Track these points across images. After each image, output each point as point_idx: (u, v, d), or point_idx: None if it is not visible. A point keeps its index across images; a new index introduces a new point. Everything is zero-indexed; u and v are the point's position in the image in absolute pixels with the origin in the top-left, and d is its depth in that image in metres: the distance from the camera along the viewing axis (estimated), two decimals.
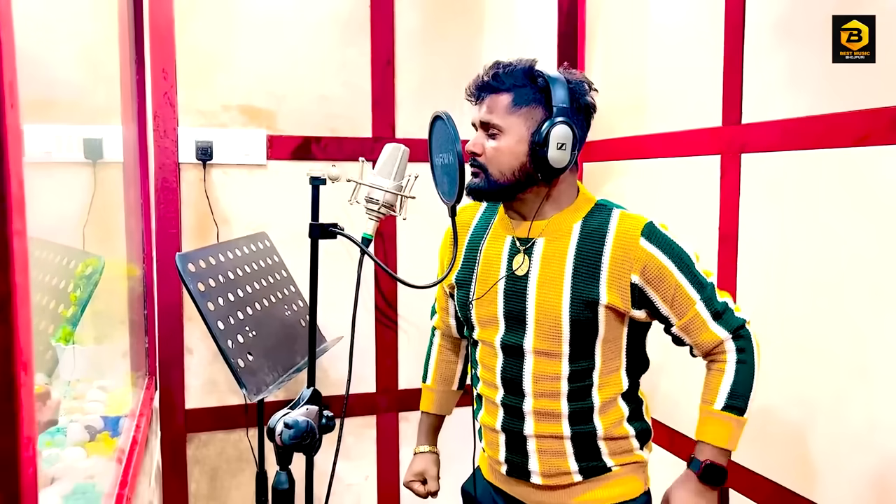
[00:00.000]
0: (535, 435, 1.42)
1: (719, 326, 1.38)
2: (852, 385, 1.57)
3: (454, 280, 1.54)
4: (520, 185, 1.38)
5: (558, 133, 1.31)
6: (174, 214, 2.23)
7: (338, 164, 2.35)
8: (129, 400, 1.62)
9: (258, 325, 1.90)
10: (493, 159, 1.37)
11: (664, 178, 2.20)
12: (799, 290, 1.71)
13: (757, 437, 1.85)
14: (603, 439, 1.42)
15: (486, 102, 1.37)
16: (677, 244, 1.37)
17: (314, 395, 1.45)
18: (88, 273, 1.70)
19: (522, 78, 1.35)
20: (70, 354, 1.70)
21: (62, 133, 1.94)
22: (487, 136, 1.38)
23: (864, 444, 1.55)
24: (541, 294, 1.38)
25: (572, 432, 1.41)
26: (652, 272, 1.34)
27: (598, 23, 2.57)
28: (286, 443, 1.35)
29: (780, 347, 1.76)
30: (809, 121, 1.66)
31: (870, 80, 1.52)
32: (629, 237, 1.34)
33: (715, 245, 1.95)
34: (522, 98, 1.34)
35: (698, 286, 1.37)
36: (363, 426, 2.52)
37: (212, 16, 2.25)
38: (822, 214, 1.65)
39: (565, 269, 1.37)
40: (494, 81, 1.36)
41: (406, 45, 2.47)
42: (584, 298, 1.35)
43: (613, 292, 1.34)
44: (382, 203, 1.40)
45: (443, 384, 1.71)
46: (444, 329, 1.70)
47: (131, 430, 1.44)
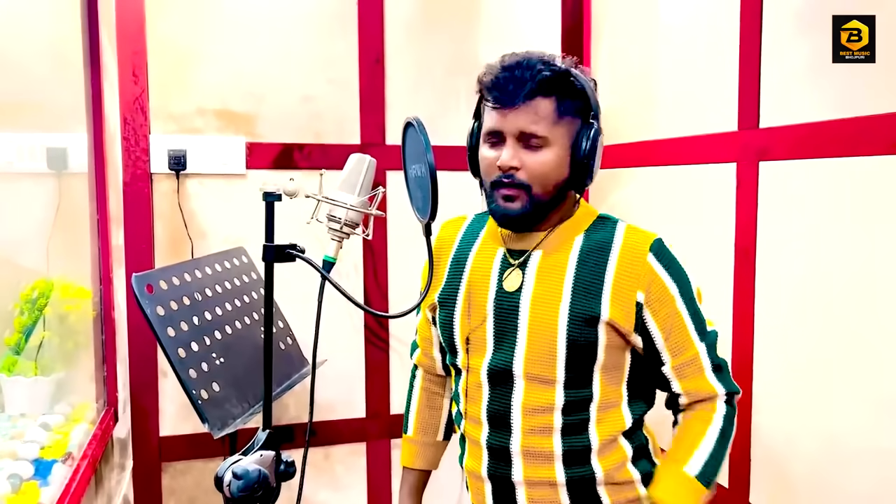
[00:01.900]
0: (525, 481, 1.25)
1: (717, 381, 1.27)
2: (888, 420, 1.39)
3: (436, 299, 1.38)
4: (554, 202, 1.25)
5: (600, 143, 1.22)
6: (146, 228, 2.08)
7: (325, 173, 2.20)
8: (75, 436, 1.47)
9: (227, 350, 1.74)
10: (540, 175, 1.20)
11: (675, 187, 2.03)
12: (824, 312, 1.54)
13: (779, 472, 1.67)
14: (603, 484, 1.25)
15: (529, 109, 1.18)
16: (685, 271, 1.26)
17: (270, 439, 1.28)
18: (34, 297, 1.55)
19: (562, 80, 1.20)
20: (14, 386, 1.56)
21: (24, 142, 1.81)
22: (526, 149, 1.20)
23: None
24: (535, 311, 1.23)
25: (567, 477, 1.23)
26: (655, 294, 1.22)
27: (604, 17, 2.41)
28: (235, 495, 1.21)
29: (803, 374, 1.59)
30: (837, 124, 1.50)
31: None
32: (637, 251, 1.23)
33: (731, 262, 1.78)
34: (566, 105, 1.20)
35: (700, 328, 1.26)
36: (352, 454, 2.36)
37: (183, 8, 2.10)
38: (850, 229, 1.48)
39: (564, 284, 1.23)
40: (536, 85, 1.17)
41: (397, 40, 2.30)
42: (583, 315, 1.21)
43: (617, 309, 1.21)
44: (345, 221, 1.23)
45: (426, 434, 1.51)
46: (427, 365, 1.51)
47: (65, 479, 1.28)
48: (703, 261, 1.82)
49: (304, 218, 1.26)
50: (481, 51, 2.37)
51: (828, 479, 1.54)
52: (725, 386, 1.26)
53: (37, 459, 1.32)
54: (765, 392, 1.70)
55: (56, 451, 1.37)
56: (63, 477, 1.29)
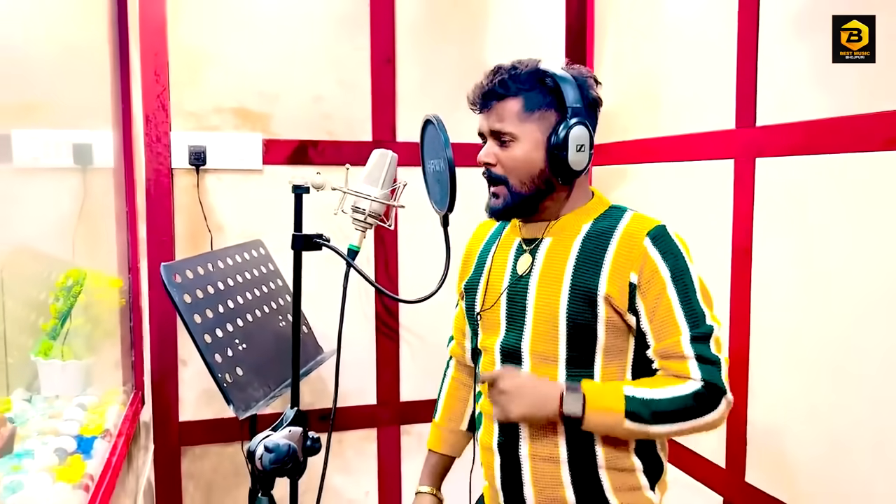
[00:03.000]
0: (531, 456, 1.31)
1: (698, 369, 1.22)
2: (887, 416, 1.46)
3: (463, 287, 1.48)
4: (541, 194, 1.32)
5: (577, 135, 1.26)
6: (167, 222, 2.16)
7: (337, 168, 2.28)
8: (109, 417, 1.55)
9: (249, 337, 1.82)
10: (512, 169, 1.30)
11: (676, 183, 2.11)
12: (821, 307, 1.61)
13: (776, 462, 1.75)
14: (605, 469, 1.29)
15: (494, 110, 1.30)
16: (685, 260, 1.28)
17: (298, 416, 1.37)
18: (69, 285, 1.63)
19: (530, 81, 1.29)
20: (50, 369, 1.64)
21: (51, 138, 1.89)
22: (499, 145, 1.30)
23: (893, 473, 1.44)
24: (540, 291, 1.31)
25: (569, 455, 1.29)
26: (646, 275, 1.26)
27: (608, 17, 2.48)
28: (266, 468, 1.28)
29: (799, 370, 1.66)
30: (832, 122, 1.57)
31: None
32: (635, 235, 1.28)
33: (728, 257, 1.86)
34: (533, 102, 1.28)
35: (692, 318, 1.24)
36: (364, 439, 2.44)
37: (202, 12, 2.18)
38: (846, 225, 1.55)
39: (567, 264, 1.30)
40: (501, 88, 1.28)
41: (407, 41, 2.38)
42: (582, 291, 1.27)
43: (613, 286, 1.26)
44: (369, 212, 1.32)
45: (451, 422, 1.58)
46: (459, 355, 1.59)
47: (105, 453, 1.36)
48: (700, 256, 1.90)
49: (317, 210, 1.34)
50: (488, 51, 2.44)
51: (822, 462, 1.61)
52: (707, 375, 1.21)
53: (78, 436, 1.40)
54: (761, 379, 1.78)
55: (95, 429, 1.45)
56: (104, 451, 1.37)
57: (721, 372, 1.23)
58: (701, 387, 1.21)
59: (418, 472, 1.59)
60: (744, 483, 1.82)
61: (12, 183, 1.59)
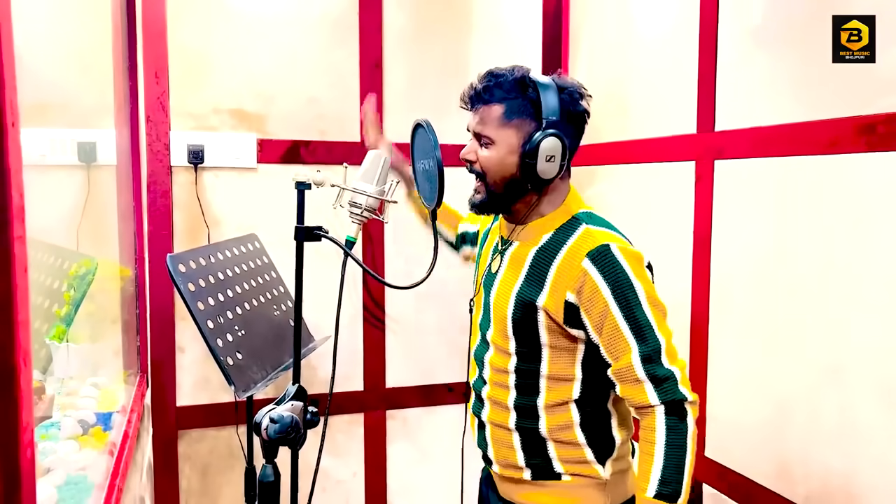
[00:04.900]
0: (490, 422, 1.49)
1: (654, 392, 1.28)
2: (826, 386, 1.63)
3: (476, 257, 1.67)
4: (513, 196, 1.41)
5: (547, 146, 1.32)
6: (166, 216, 2.28)
7: (326, 167, 2.41)
8: (120, 397, 1.67)
9: (247, 324, 1.95)
10: (488, 169, 1.40)
11: (645, 183, 2.26)
12: (771, 292, 1.78)
13: (734, 436, 1.91)
14: (550, 440, 1.41)
15: (479, 113, 1.40)
16: (626, 275, 1.29)
17: (299, 392, 1.50)
18: (82, 273, 1.75)
19: (514, 89, 1.36)
20: (64, 352, 1.76)
21: (56, 136, 2.00)
22: (480, 145, 1.41)
23: (835, 442, 1.61)
24: (498, 291, 1.45)
25: (517, 425, 1.43)
26: (587, 295, 1.30)
27: (582, 27, 2.62)
28: (272, 437, 1.41)
29: (753, 348, 1.82)
30: (780, 129, 1.72)
31: (840, 87, 1.58)
32: (576, 255, 1.33)
33: (690, 247, 2.01)
34: (514, 110, 1.36)
35: (638, 333, 1.28)
36: (351, 423, 2.58)
37: (201, 17, 2.30)
38: (793, 219, 1.71)
39: (521, 272, 1.41)
40: (486, 94, 1.38)
41: (394, 46, 2.51)
42: (524, 300, 1.37)
43: (551, 300, 1.34)
44: (365, 207, 1.46)
45: (448, 216, 1.85)
46: (462, 226, 1.83)
47: (122, 426, 1.49)
48: (665, 247, 2.07)
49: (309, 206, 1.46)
50: (472, 57, 2.57)
51: (778, 437, 1.78)
52: (664, 396, 1.27)
53: (95, 412, 1.53)
54: (719, 361, 1.94)
55: (110, 406, 1.58)
56: (121, 424, 1.50)
57: (677, 383, 1.28)
58: (663, 411, 1.27)
59: (403, 454, 1.73)
60: (704, 458, 1.99)
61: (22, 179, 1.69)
